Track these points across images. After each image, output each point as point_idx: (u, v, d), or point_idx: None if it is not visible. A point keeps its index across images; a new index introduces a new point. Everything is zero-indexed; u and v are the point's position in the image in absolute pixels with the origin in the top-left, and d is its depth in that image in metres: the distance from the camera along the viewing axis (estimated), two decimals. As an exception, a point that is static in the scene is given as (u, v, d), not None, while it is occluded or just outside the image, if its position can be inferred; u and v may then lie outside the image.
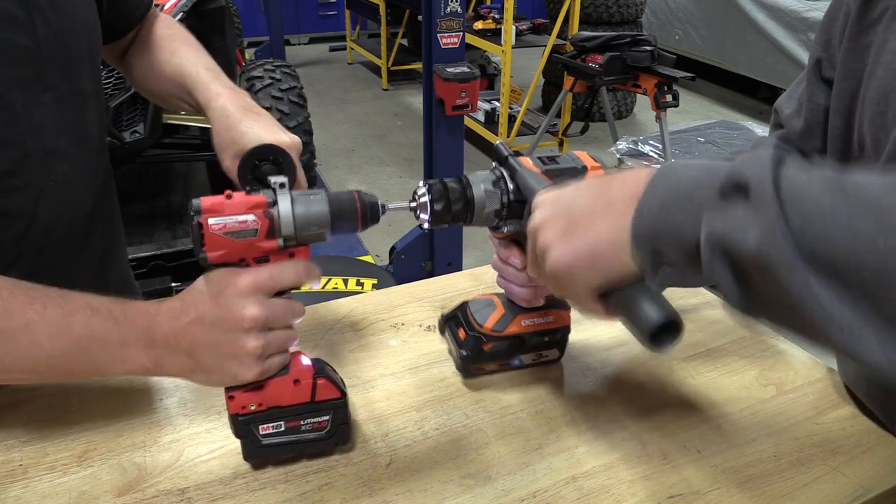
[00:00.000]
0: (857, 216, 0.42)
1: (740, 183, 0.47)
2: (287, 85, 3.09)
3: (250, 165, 0.73)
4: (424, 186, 0.71)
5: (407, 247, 2.73)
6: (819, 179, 0.45)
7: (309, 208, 0.65)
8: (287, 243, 0.65)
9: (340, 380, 0.74)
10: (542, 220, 0.62)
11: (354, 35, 6.92)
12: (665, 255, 0.53)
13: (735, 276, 0.48)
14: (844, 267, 0.42)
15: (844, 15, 0.75)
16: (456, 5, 2.41)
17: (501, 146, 0.75)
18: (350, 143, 4.86)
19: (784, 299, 0.45)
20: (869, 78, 0.69)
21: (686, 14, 5.89)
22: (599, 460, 0.74)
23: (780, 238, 0.44)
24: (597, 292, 0.59)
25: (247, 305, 0.63)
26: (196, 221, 0.61)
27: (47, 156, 0.77)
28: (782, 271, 0.44)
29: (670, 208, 0.51)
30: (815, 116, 0.81)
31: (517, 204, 0.73)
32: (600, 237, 0.56)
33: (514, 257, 0.77)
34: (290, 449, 0.71)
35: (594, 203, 0.58)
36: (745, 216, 0.46)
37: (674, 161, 0.54)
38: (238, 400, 0.68)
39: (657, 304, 0.55)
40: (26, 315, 0.63)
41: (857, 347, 0.43)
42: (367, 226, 0.68)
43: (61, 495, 0.67)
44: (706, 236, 0.48)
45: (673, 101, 3.35)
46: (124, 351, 0.65)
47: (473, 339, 0.81)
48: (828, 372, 0.89)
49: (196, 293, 0.65)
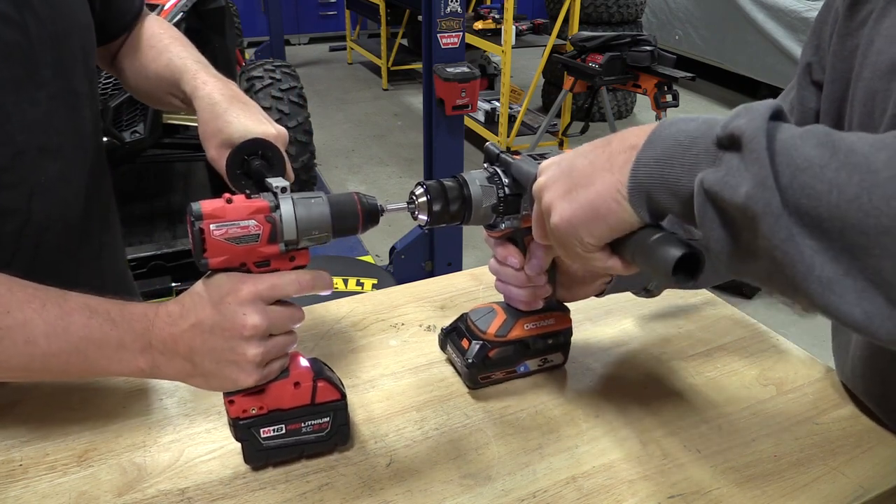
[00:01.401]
0: (843, 172, 0.42)
1: (735, 134, 0.47)
2: (287, 85, 3.09)
3: (239, 160, 0.73)
4: (422, 187, 0.71)
5: (407, 247, 2.74)
6: (812, 135, 0.45)
7: (311, 213, 0.64)
8: (288, 247, 0.65)
9: (339, 380, 0.74)
10: (546, 181, 0.62)
11: (354, 35, 6.92)
12: (663, 205, 0.54)
13: (724, 226, 0.49)
14: (829, 221, 0.43)
15: (833, 19, 0.75)
16: (456, 5, 2.42)
17: (491, 146, 0.76)
18: (350, 143, 4.86)
19: (768, 251, 0.45)
20: (856, 79, 0.70)
21: (686, 14, 5.89)
22: (599, 460, 0.74)
23: (769, 189, 0.44)
24: (606, 245, 0.59)
25: (248, 314, 0.63)
26: (197, 227, 0.60)
27: (40, 153, 0.77)
28: (768, 222, 0.44)
29: (668, 161, 0.52)
30: (805, 120, 0.81)
31: (513, 198, 0.73)
32: (600, 191, 0.56)
33: (512, 256, 0.77)
34: (291, 451, 0.71)
35: (595, 160, 0.58)
36: (737, 167, 0.46)
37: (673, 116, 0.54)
38: (238, 404, 0.68)
39: (672, 241, 0.54)
40: (24, 313, 0.63)
41: (836, 302, 0.44)
42: (367, 228, 0.68)
43: (61, 495, 0.67)
44: (698, 186, 0.49)
45: (673, 101, 3.35)
46: (121, 353, 0.65)
47: (478, 346, 0.81)
48: (828, 372, 0.89)
49: (196, 297, 0.65)
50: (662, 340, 0.95)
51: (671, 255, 0.53)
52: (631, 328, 0.97)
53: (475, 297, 1.03)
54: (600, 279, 0.82)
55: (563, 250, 0.63)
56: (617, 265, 0.60)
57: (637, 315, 1.00)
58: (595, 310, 1.01)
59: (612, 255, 0.60)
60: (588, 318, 0.99)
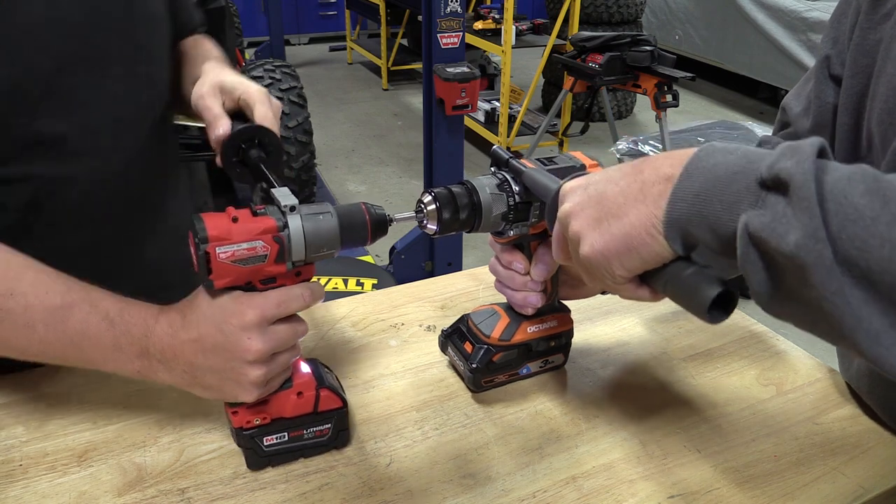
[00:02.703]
0: (894, 224, 0.42)
1: (781, 178, 0.46)
2: (287, 85, 3.10)
3: (235, 148, 0.72)
4: (430, 195, 0.69)
5: (407, 247, 2.74)
6: (860, 180, 0.44)
7: (319, 230, 0.62)
8: (296, 265, 0.64)
9: (339, 385, 0.74)
10: (573, 208, 0.60)
11: (354, 35, 6.92)
12: (700, 240, 0.53)
13: (768, 270, 0.48)
14: (879, 275, 0.42)
15: (854, 11, 0.74)
16: (456, 5, 2.42)
17: (499, 150, 0.75)
18: (350, 143, 4.86)
19: (814, 300, 0.45)
20: (878, 74, 0.69)
21: (686, 14, 5.89)
22: (599, 460, 0.74)
23: (820, 241, 0.43)
24: (636, 276, 0.58)
25: (252, 338, 0.62)
26: (203, 251, 0.58)
27: (106, 130, 0.82)
28: (819, 274, 0.43)
29: (706, 197, 0.50)
30: (823, 115, 0.80)
31: (523, 206, 0.72)
32: (634, 223, 0.55)
33: (518, 262, 0.77)
34: (292, 455, 0.72)
35: (626, 188, 0.56)
36: (784, 213, 0.45)
37: (709, 145, 0.53)
38: (242, 416, 0.68)
39: (708, 279, 0.53)
40: (27, 298, 0.64)
41: (884, 354, 0.43)
42: (376, 239, 0.67)
43: (61, 495, 0.67)
44: (743, 229, 0.48)
45: (673, 101, 3.35)
46: (116, 354, 0.65)
47: (482, 351, 0.80)
48: (828, 372, 0.89)
49: (199, 312, 0.64)
50: (662, 341, 0.95)
51: (707, 295, 0.52)
52: (631, 328, 0.97)
53: (475, 298, 1.03)
54: None
55: (590, 278, 0.62)
56: (646, 295, 0.59)
57: (637, 315, 1.00)
58: (595, 310, 1.01)
59: (641, 286, 0.59)
60: (588, 318, 0.99)
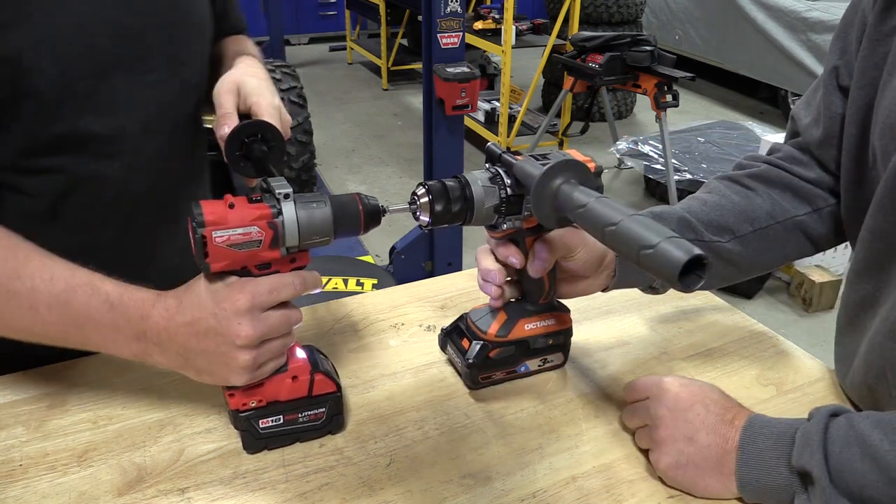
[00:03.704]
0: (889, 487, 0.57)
1: (806, 470, 0.61)
2: (287, 85, 3.10)
3: (239, 142, 0.73)
4: (423, 187, 0.71)
5: (407, 247, 2.73)
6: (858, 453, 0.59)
7: (313, 217, 0.65)
8: (290, 251, 0.66)
9: (335, 370, 0.76)
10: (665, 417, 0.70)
11: (354, 35, 6.92)
12: None
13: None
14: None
15: (860, 22, 0.74)
16: (456, 5, 2.41)
17: (493, 146, 0.76)
18: (350, 143, 4.86)
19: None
20: (883, 87, 0.69)
21: (686, 14, 5.89)
22: (599, 460, 0.74)
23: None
24: None
25: (242, 323, 0.64)
26: (199, 234, 0.61)
27: (142, 131, 0.83)
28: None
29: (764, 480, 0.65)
30: (832, 125, 0.80)
31: (515, 198, 0.73)
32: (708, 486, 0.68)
33: (513, 256, 0.77)
34: (287, 438, 0.74)
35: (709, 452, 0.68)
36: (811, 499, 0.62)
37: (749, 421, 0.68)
38: (238, 398, 0.70)
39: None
40: (33, 280, 0.67)
41: None
42: (369, 229, 0.69)
43: (61, 495, 0.67)
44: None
45: (673, 101, 3.35)
46: (115, 336, 0.68)
47: (479, 346, 0.81)
48: (828, 372, 0.89)
49: (195, 296, 0.66)
50: (663, 340, 0.95)
51: None
52: (631, 328, 0.97)
53: (475, 297, 1.03)
54: (604, 274, 0.82)
55: None
56: None
57: (637, 315, 1.00)
58: (595, 310, 1.01)
59: None
60: (588, 318, 0.99)
